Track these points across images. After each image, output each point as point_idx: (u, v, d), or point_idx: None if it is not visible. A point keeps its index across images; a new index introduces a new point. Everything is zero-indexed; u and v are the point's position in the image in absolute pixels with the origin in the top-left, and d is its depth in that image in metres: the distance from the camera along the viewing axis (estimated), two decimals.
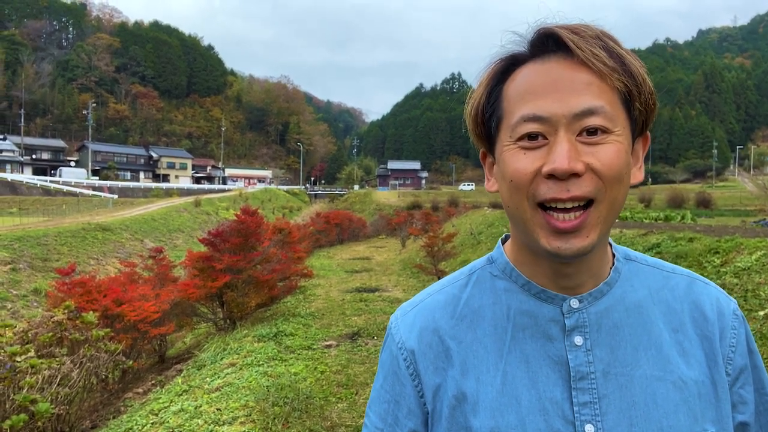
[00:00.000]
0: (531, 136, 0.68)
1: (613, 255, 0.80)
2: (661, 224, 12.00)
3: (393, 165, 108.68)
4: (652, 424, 0.70)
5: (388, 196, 63.47)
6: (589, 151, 0.66)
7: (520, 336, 0.75)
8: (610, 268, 0.78)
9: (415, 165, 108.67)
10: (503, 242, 0.85)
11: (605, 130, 0.67)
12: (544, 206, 0.68)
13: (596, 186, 0.66)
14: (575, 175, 0.65)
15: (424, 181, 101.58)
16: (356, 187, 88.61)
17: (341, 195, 75.78)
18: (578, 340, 0.73)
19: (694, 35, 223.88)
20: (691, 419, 0.71)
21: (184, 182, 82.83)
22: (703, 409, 0.72)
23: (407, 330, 0.82)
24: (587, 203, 0.67)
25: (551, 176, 0.66)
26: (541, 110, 0.67)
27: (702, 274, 6.03)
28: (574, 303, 0.74)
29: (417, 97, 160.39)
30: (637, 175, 0.74)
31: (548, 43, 0.70)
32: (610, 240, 0.80)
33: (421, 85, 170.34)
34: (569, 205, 0.67)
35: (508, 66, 0.73)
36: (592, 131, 0.67)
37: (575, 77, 0.67)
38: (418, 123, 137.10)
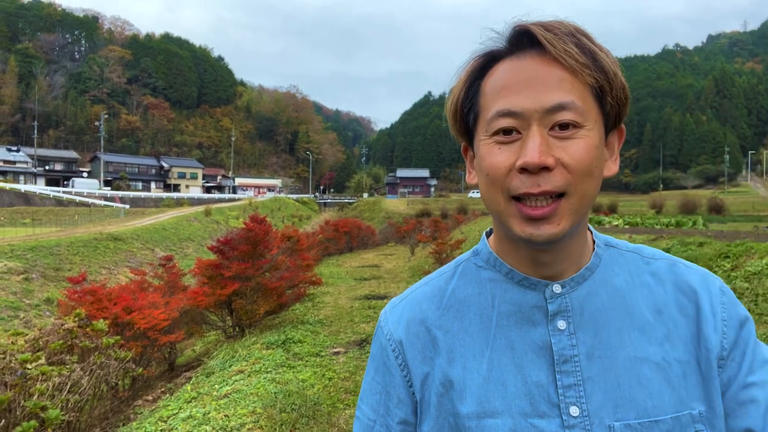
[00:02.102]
0: (506, 131, 0.70)
1: (594, 242, 0.81)
2: (672, 230, 11.91)
3: (402, 173, 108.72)
4: (636, 405, 0.71)
5: (397, 204, 63.54)
6: (560, 146, 0.68)
7: (505, 323, 0.77)
8: (591, 255, 0.79)
9: (424, 173, 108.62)
10: (488, 236, 0.87)
11: (576, 125, 0.69)
12: (517, 198, 0.70)
13: (566, 180, 0.68)
14: (546, 168, 0.67)
15: (433, 189, 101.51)
16: (365, 195, 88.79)
17: (350, 203, 75.92)
18: (561, 324, 0.75)
19: (704, 40, 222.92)
20: (675, 399, 0.72)
21: (195, 192, 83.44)
22: (689, 388, 0.73)
23: (395, 322, 0.84)
24: (558, 195, 0.69)
25: (524, 170, 0.68)
26: (515, 106, 0.69)
27: None
28: (557, 288, 0.76)
29: (425, 105, 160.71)
30: (612, 167, 0.76)
31: (523, 40, 0.72)
32: (591, 227, 0.82)
33: (430, 93, 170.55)
34: (541, 198, 0.68)
35: (487, 62, 0.75)
36: (564, 126, 0.69)
37: (548, 73, 0.69)
38: (426, 131, 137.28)
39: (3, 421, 3.90)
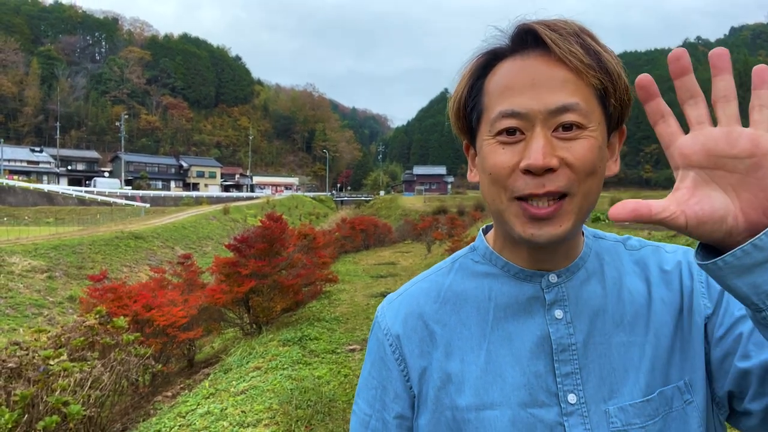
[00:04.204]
0: (509, 131, 0.70)
1: (583, 233, 0.83)
2: None
3: (418, 170, 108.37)
4: (629, 388, 0.73)
5: (413, 202, 63.51)
6: (563, 146, 0.68)
7: (502, 315, 0.78)
8: (582, 245, 0.81)
9: (441, 170, 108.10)
10: (485, 232, 0.88)
11: (580, 126, 0.69)
12: (520, 198, 0.70)
13: (570, 180, 0.68)
14: (550, 170, 0.67)
15: (449, 186, 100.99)
16: (382, 192, 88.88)
17: (367, 201, 76.06)
18: (558, 313, 0.76)
19: (726, 33, 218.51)
20: (664, 377, 0.73)
21: (214, 190, 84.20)
22: (676, 364, 0.74)
23: (393, 317, 0.85)
24: (562, 195, 0.69)
25: (528, 171, 0.68)
26: (519, 106, 0.69)
27: None
28: (553, 278, 0.77)
29: (442, 101, 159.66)
30: (613, 167, 0.77)
31: (527, 38, 0.72)
32: None
33: (446, 90, 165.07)
34: (544, 198, 0.69)
35: (489, 60, 0.75)
36: (568, 127, 0.68)
37: (552, 74, 0.69)
38: (443, 128, 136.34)
39: (27, 415, 4.00)
